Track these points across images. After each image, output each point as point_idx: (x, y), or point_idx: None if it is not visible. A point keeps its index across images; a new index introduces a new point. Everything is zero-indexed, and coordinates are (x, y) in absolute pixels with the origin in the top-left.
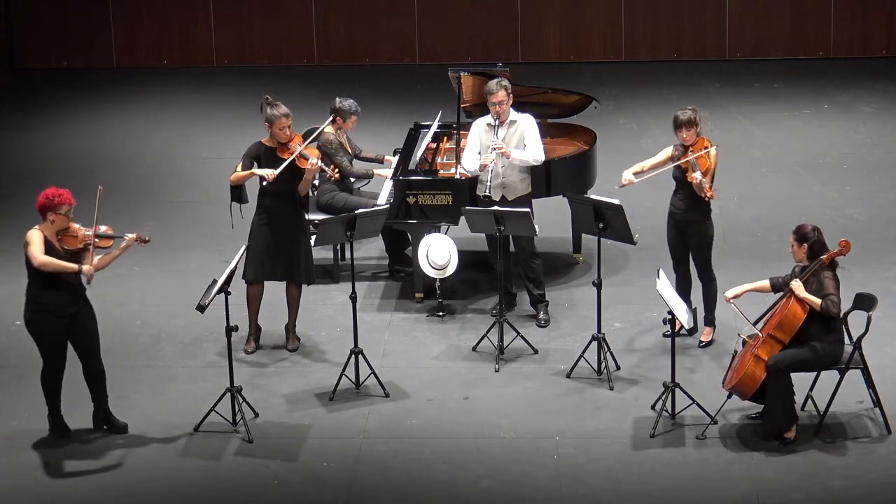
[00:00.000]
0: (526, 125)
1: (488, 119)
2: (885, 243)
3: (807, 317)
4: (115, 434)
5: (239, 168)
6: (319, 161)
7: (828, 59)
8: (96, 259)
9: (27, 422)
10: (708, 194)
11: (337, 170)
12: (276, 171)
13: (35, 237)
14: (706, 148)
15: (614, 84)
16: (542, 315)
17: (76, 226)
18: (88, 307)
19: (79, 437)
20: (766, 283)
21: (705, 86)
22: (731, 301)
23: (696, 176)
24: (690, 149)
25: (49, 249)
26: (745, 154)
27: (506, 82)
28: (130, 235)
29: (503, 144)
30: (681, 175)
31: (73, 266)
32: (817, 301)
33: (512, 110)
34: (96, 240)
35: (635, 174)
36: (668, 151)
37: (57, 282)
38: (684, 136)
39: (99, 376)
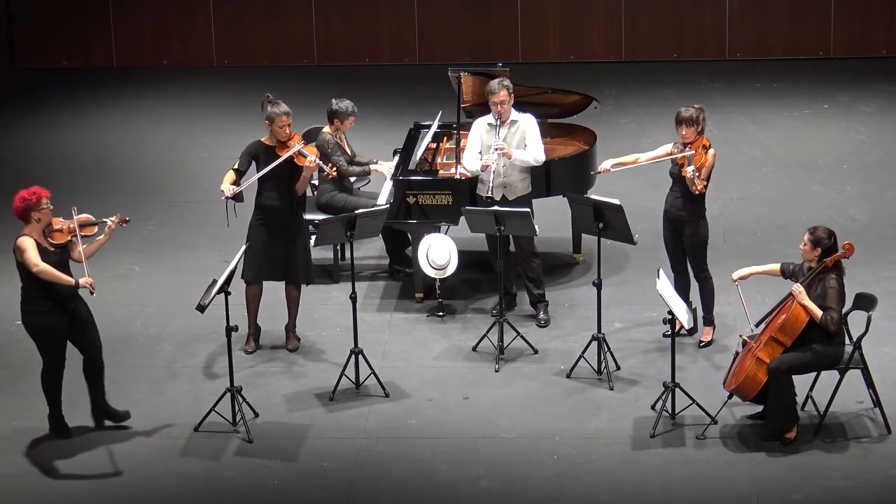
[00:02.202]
0: (527, 125)
1: (489, 119)
2: (885, 243)
3: (809, 319)
4: (117, 424)
5: (236, 165)
6: (318, 159)
7: (828, 59)
8: (83, 247)
9: (27, 422)
10: (698, 188)
11: (335, 168)
12: (236, 189)
13: (28, 244)
14: (705, 146)
15: (614, 84)
16: (542, 315)
17: (59, 219)
18: (82, 301)
19: (79, 436)
20: (775, 266)
21: (705, 86)
22: (737, 282)
23: (689, 170)
24: (689, 146)
25: (41, 251)
26: (745, 154)
27: (507, 82)
28: (112, 218)
29: (504, 144)
30: (677, 172)
31: (70, 280)
32: (818, 313)
33: (513, 110)
34: (80, 229)
35: (616, 165)
36: (667, 147)
37: (46, 281)
38: (684, 132)
39: (99, 369)
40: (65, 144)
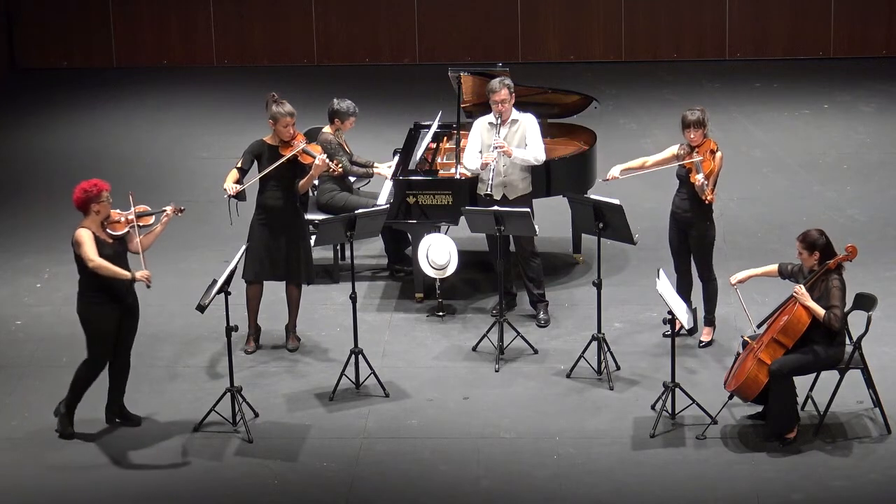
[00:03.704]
0: (527, 124)
1: (490, 118)
2: (885, 243)
3: (811, 321)
4: (126, 428)
5: (239, 163)
6: (325, 157)
7: (828, 59)
8: (140, 238)
9: (27, 421)
10: (708, 197)
11: (339, 165)
12: (239, 187)
13: (85, 237)
14: (712, 150)
15: (614, 84)
16: (542, 315)
17: (117, 211)
18: (135, 296)
19: (79, 436)
20: (773, 268)
21: (705, 86)
22: (736, 286)
23: (699, 178)
24: (696, 149)
25: (99, 243)
26: (745, 154)
27: (508, 81)
28: (168, 208)
29: (505, 143)
30: (685, 174)
31: (126, 274)
32: (820, 312)
33: (514, 109)
34: (137, 220)
35: (625, 171)
36: (673, 149)
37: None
38: (691, 136)
39: (127, 370)
40: (65, 144)
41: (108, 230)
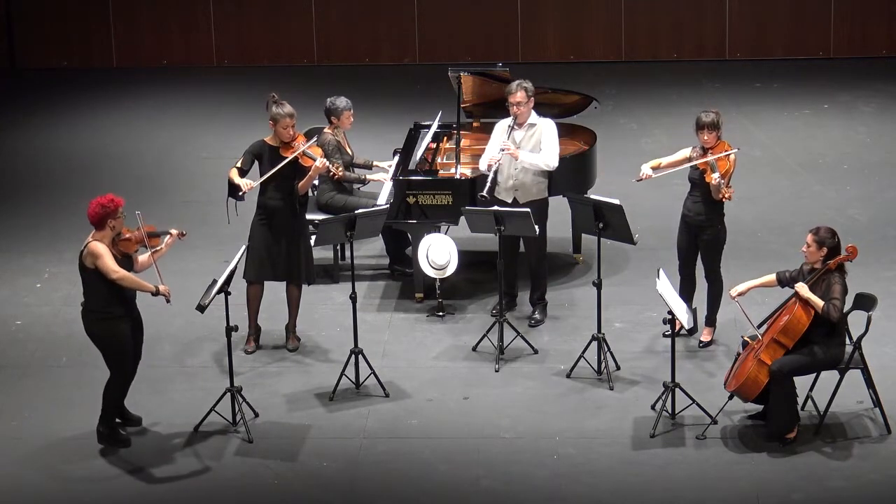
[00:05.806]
0: (545, 129)
1: (510, 120)
2: (885, 243)
3: (811, 320)
4: (128, 427)
5: (239, 164)
6: (325, 160)
7: (828, 59)
8: (143, 257)
9: (27, 421)
10: (726, 195)
11: (339, 168)
12: (253, 184)
13: (102, 249)
14: (727, 151)
15: (614, 84)
16: (536, 314)
17: (127, 228)
18: (139, 312)
19: (79, 437)
20: (771, 277)
21: (705, 86)
22: (736, 299)
23: (715, 177)
24: (710, 151)
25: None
26: (745, 154)
27: (527, 84)
28: (173, 231)
29: (511, 145)
30: (698, 177)
31: (150, 286)
32: (820, 303)
33: (533, 113)
34: (147, 240)
35: (653, 168)
36: (685, 152)
37: (118, 288)
38: (705, 137)
39: (131, 378)
40: (65, 144)
41: (118, 247)
